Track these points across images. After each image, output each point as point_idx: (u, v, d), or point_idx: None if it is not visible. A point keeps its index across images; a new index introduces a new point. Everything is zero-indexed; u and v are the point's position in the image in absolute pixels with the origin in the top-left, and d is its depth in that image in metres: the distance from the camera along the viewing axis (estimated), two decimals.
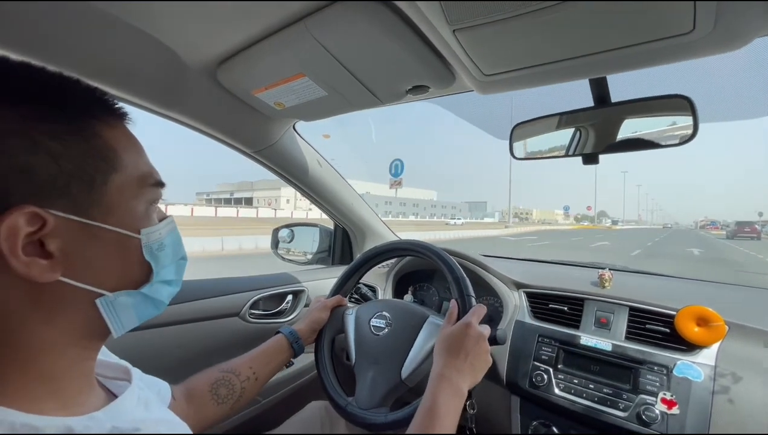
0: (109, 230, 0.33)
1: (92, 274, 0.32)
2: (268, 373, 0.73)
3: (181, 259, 0.41)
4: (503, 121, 9.89)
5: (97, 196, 0.32)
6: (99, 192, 0.32)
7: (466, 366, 0.60)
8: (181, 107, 0.81)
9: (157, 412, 0.40)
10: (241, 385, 0.66)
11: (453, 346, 0.61)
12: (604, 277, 0.91)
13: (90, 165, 0.31)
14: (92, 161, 0.31)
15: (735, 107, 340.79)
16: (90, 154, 0.31)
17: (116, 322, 0.35)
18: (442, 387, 0.57)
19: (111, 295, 0.34)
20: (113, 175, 0.33)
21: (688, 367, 0.69)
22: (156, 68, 0.70)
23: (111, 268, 0.34)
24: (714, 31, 0.46)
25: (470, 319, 0.64)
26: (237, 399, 0.65)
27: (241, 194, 76.45)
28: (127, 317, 0.35)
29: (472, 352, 0.61)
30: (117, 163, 0.33)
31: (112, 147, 0.33)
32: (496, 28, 0.50)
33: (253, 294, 1.05)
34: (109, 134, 0.33)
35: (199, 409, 0.61)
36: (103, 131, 0.33)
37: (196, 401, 0.62)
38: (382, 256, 0.90)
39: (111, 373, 0.43)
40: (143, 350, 0.82)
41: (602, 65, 0.57)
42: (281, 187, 69.49)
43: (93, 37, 0.60)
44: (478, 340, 0.62)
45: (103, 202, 0.32)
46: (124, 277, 0.35)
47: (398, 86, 0.71)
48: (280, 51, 0.64)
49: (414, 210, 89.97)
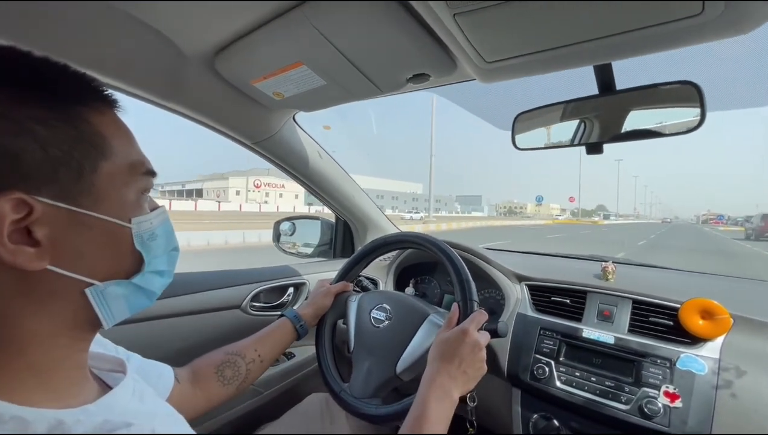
0: (99, 218, 0.32)
1: (81, 263, 0.32)
2: (273, 355, 0.74)
3: (173, 249, 0.41)
4: (506, 111, 9.72)
5: (86, 184, 0.31)
6: (88, 179, 0.31)
7: (459, 373, 0.60)
8: (179, 98, 0.81)
9: (151, 405, 0.40)
10: (247, 367, 0.68)
11: (447, 352, 0.61)
12: (608, 270, 0.90)
13: (78, 151, 0.31)
14: (81, 147, 0.31)
15: (745, 94, 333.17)
16: (78, 140, 0.31)
17: (107, 313, 0.34)
18: (433, 392, 0.57)
19: (101, 284, 0.33)
20: (103, 163, 0.32)
21: (691, 360, 0.69)
22: (153, 58, 0.69)
23: (101, 257, 0.33)
24: (724, 13, 0.44)
25: (468, 326, 0.63)
26: (242, 380, 0.67)
27: (193, 186, 73.08)
28: (117, 307, 0.35)
29: (467, 359, 0.60)
30: (107, 150, 0.33)
31: (102, 133, 0.32)
32: (497, 12, 0.48)
33: (255, 286, 1.05)
34: (98, 121, 0.33)
35: (205, 390, 0.63)
36: (92, 117, 0.32)
37: (202, 383, 0.63)
38: (388, 246, 0.89)
39: (106, 365, 0.42)
40: (146, 340, 0.82)
41: (607, 51, 0.55)
42: (229, 178, 65.40)
43: (87, 26, 0.60)
44: (473, 348, 0.61)
45: (92, 189, 0.32)
46: (115, 267, 0.34)
47: (398, 75, 0.70)
48: (278, 39, 0.63)
49: (393, 203, 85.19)
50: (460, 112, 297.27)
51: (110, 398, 0.34)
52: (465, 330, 0.62)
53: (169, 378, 0.57)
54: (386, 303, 0.81)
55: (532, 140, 0.78)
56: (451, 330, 0.64)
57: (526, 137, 0.79)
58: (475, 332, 0.63)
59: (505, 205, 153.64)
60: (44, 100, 0.30)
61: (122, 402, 0.36)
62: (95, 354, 0.42)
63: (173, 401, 0.50)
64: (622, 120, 0.66)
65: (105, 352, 0.45)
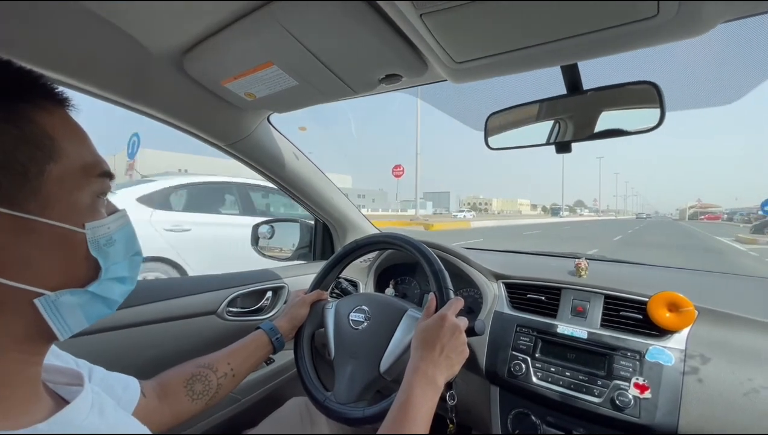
0: (48, 224, 0.30)
1: (29, 272, 0.30)
2: (246, 369, 0.71)
3: (135, 254, 0.39)
4: (479, 112, 9.57)
5: (32, 188, 0.29)
6: (35, 183, 0.30)
7: (442, 359, 0.60)
8: (147, 99, 0.78)
9: (112, 418, 0.38)
10: (218, 382, 0.65)
11: (428, 339, 0.61)
12: (581, 266, 0.92)
13: (22, 153, 0.29)
14: (25, 149, 0.29)
15: (705, 94, 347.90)
16: (22, 141, 0.29)
17: (60, 324, 0.32)
18: (417, 379, 0.57)
19: (52, 294, 0.31)
20: (50, 165, 0.31)
21: (659, 352, 0.71)
22: (119, 58, 0.67)
23: (51, 265, 0.31)
24: (677, 16, 0.46)
25: (446, 311, 0.64)
26: (212, 396, 0.64)
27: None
28: (73, 318, 0.33)
29: (448, 344, 0.60)
30: (54, 152, 0.31)
31: (49, 134, 0.31)
32: (462, 12, 0.49)
33: (231, 291, 1.03)
34: (45, 120, 0.31)
35: (173, 405, 0.60)
36: (39, 117, 0.31)
37: (170, 397, 0.60)
38: (362, 249, 0.89)
39: (63, 378, 0.40)
40: (115, 351, 0.79)
41: (571, 52, 0.57)
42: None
43: (48, 24, 0.57)
44: (453, 332, 0.61)
45: (39, 193, 0.30)
46: (68, 275, 0.33)
47: (370, 75, 0.70)
48: (247, 38, 0.62)
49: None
50: (425, 109, 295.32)
51: (66, 414, 0.33)
52: (443, 316, 0.63)
53: (135, 391, 0.54)
54: (364, 304, 0.81)
55: (504, 140, 0.79)
56: (430, 317, 0.64)
57: (498, 138, 0.80)
58: (453, 317, 0.63)
59: (468, 200, 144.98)
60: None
61: (80, 417, 0.34)
62: (51, 367, 0.39)
63: (138, 416, 0.47)
64: (589, 119, 0.68)
65: (62, 365, 0.43)
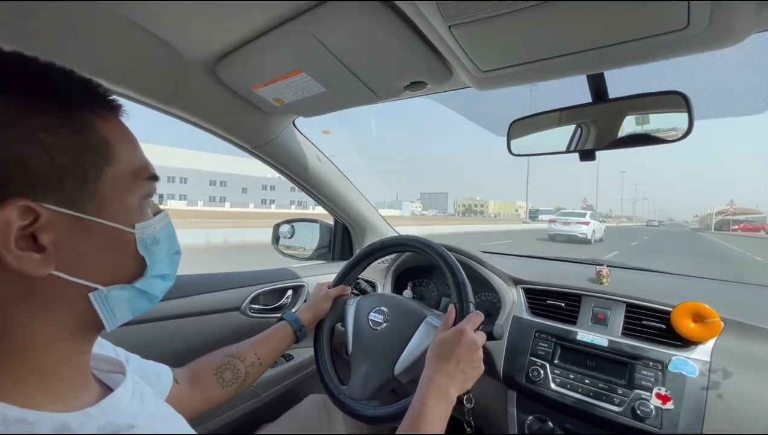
0: (103, 224, 0.33)
1: (86, 268, 0.32)
2: (271, 358, 0.76)
3: (175, 253, 0.41)
4: (502, 118, 9.56)
5: (90, 190, 0.32)
6: (92, 186, 0.32)
7: (457, 372, 0.60)
8: (180, 103, 0.82)
9: (152, 406, 0.40)
10: (246, 370, 0.69)
11: (445, 352, 0.62)
12: (602, 274, 0.91)
13: (83, 158, 0.31)
14: (86, 154, 0.31)
15: (733, 104, 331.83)
16: (83, 147, 0.31)
17: (110, 316, 0.35)
18: (431, 391, 0.58)
19: (104, 289, 0.33)
20: (107, 169, 0.33)
21: (683, 363, 0.70)
22: (155, 64, 0.71)
23: (105, 262, 0.34)
24: (708, 27, 0.46)
25: (465, 326, 0.64)
26: (241, 383, 0.68)
27: None
28: (120, 311, 0.36)
29: (464, 359, 0.61)
30: (110, 157, 0.33)
31: (106, 140, 0.33)
32: (491, 24, 0.50)
33: (254, 289, 1.06)
34: (102, 127, 0.33)
35: (204, 391, 0.64)
36: (97, 124, 0.33)
37: (201, 384, 0.64)
38: (387, 249, 0.91)
39: (106, 366, 0.43)
40: (145, 342, 0.83)
41: (598, 61, 0.57)
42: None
43: (91, 33, 0.61)
44: (470, 348, 0.62)
45: (96, 195, 0.32)
46: (118, 272, 0.35)
47: (396, 82, 0.72)
48: (279, 47, 0.65)
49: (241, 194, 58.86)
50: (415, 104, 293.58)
51: (111, 400, 0.35)
52: (462, 330, 0.63)
53: (168, 378, 0.58)
54: (384, 305, 0.82)
55: (527, 146, 0.79)
56: (448, 330, 0.65)
57: (521, 143, 0.80)
58: (472, 332, 0.64)
59: (463, 202, 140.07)
60: (51, 107, 0.30)
61: (123, 404, 0.36)
62: (95, 355, 0.42)
63: (171, 401, 0.50)
64: (614, 128, 0.68)
65: (104, 353, 0.46)
